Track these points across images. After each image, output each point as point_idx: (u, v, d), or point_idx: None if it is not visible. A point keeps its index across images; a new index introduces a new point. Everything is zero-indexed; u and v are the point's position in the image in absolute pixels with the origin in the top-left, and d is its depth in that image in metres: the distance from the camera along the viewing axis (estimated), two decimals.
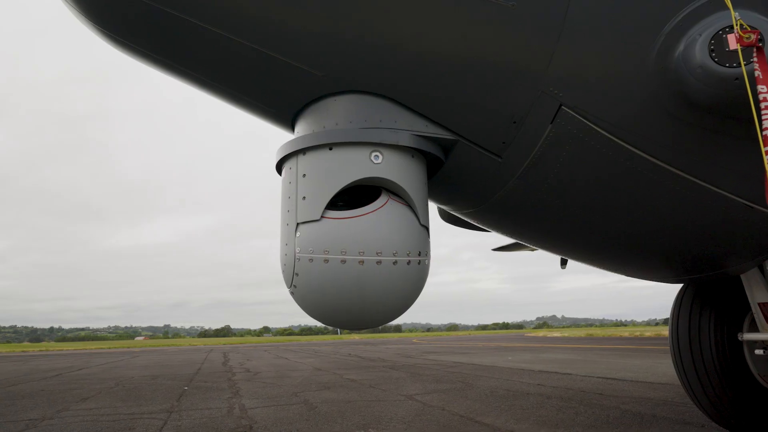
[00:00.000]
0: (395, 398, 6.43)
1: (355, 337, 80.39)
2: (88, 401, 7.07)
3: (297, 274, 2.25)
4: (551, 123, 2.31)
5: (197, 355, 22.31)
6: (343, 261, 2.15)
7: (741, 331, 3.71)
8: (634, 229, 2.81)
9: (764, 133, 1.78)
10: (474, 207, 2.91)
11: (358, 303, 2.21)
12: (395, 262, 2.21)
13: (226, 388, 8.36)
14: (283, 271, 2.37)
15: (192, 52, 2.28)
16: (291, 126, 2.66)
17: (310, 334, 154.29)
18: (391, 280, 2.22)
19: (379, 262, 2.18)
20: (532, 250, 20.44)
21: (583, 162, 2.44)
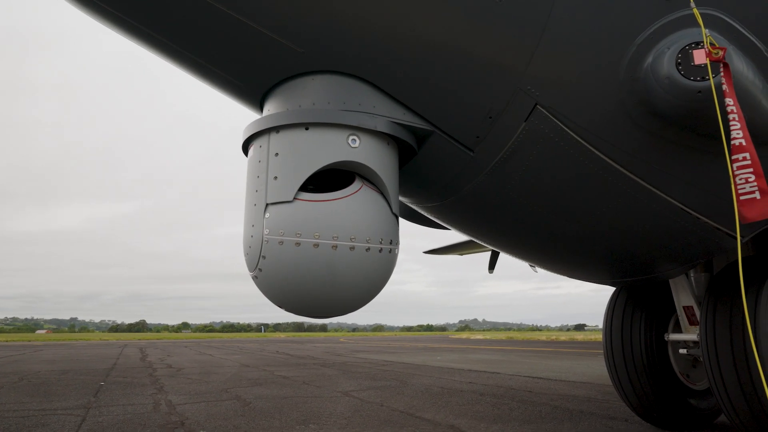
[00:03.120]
0: (332, 394, 6.35)
1: (281, 335, 78.91)
2: None
3: (264, 257, 2.14)
4: (525, 121, 2.37)
5: (110, 350, 20.89)
6: (316, 245, 2.08)
7: (667, 331, 4.01)
8: (587, 230, 2.94)
9: (732, 142, 1.91)
10: (439, 201, 2.92)
11: (327, 289, 2.14)
12: (368, 249, 2.16)
13: (149, 383, 7.87)
14: (247, 254, 2.25)
15: (164, 14, 2.10)
16: (259, 103, 2.54)
17: (233, 331, 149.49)
18: (363, 267, 2.17)
19: (352, 248, 2.12)
20: (462, 254, 21.06)
21: (551, 162, 2.52)
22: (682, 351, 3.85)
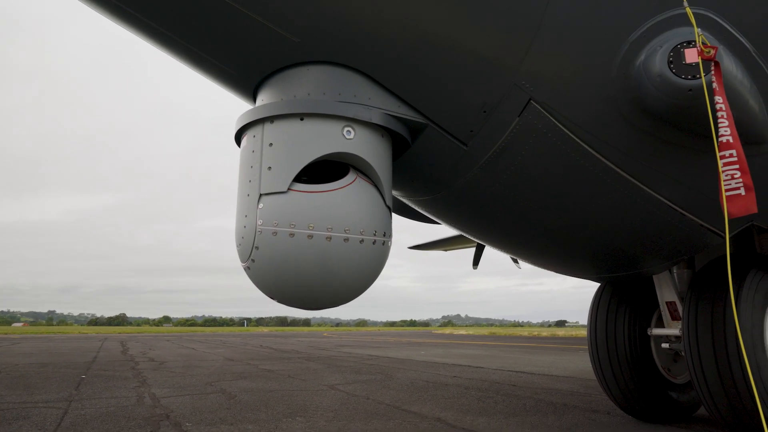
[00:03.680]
0: (318, 388, 6.35)
1: (264, 329, 78.55)
2: None
3: (257, 248, 2.13)
4: (519, 116, 2.39)
5: (90, 344, 20.58)
6: (310, 236, 2.07)
7: (650, 326, 4.09)
8: (576, 225, 2.98)
9: (720, 139, 1.95)
10: (431, 194, 2.93)
11: (320, 280, 2.14)
12: (362, 241, 2.17)
13: (131, 377, 7.78)
14: (240, 245, 2.24)
15: (157, 0, 2.07)
16: (252, 93, 2.52)
17: (215, 325, 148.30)
18: (356, 258, 2.17)
19: (346, 240, 2.12)
20: (447, 250, 21.14)
21: (543, 157, 2.54)
22: (665, 345, 3.93)
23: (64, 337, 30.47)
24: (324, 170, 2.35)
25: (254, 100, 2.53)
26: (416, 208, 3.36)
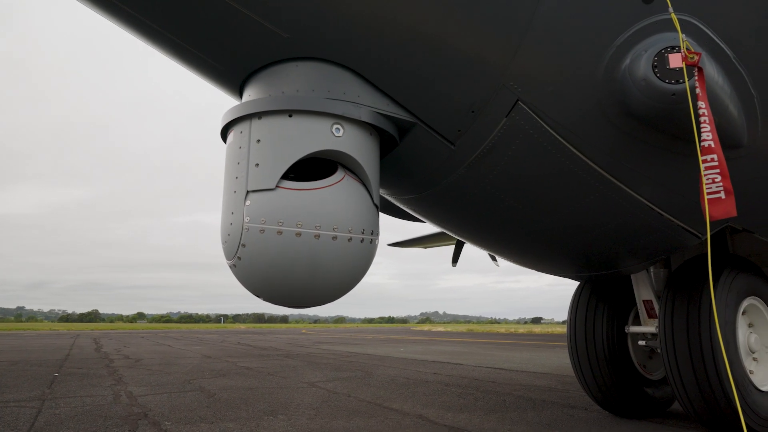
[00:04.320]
0: (298, 385, 6.33)
1: (241, 326, 77.78)
2: None
3: (244, 246, 2.10)
4: (506, 116, 2.41)
5: (62, 341, 20.08)
6: (299, 234, 2.06)
7: (627, 324, 4.18)
8: (559, 224, 3.03)
9: (702, 144, 2.00)
10: (417, 193, 2.94)
11: (308, 278, 2.13)
12: (350, 239, 2.16)
13: (106, 375, 7.62)
14: (226, 242, 2.21)
15: None
16: (238, 88, 2.48)
17: (191, 322, 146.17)
18: (344, 256, 2.17)
19: (334, 238, 2.11)
20: (426, 247, 21.22)
21: (528, 157, 2.57)
22: (641, 342, 4.03)
23: (34, 334, 29.66)
24: (310, 168, 2.33)
25: (241, 95, 2.50)
26: (401, 206, 3.36)
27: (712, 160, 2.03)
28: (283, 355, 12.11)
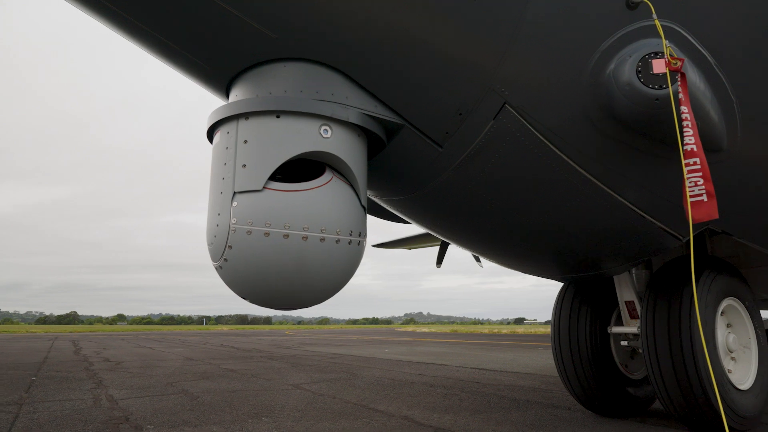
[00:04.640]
0: (282, 387, 6.28)
1: (224, 327, 76.99)
2: None
3: (230, 247, 2.09)
4: (494, 119, 2.43)
5: (39, 343, 19.65)
6: (286, 236, 2.05)
7: (610, 324, 4.24)
8: (544, 227, 3.06)
9: (684, 148, 2.04)
10: (404, 195, 2.95)
11: (296, 280, 2.12)
12: (338, 241, 2.16)
13: (86, 378, 7.48)
14: (212, 243, 2.19)
15: None
16: (225, 88, 2.46)
17: (173, 324, 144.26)
18: (332, 258, 2.16)
19: (322, 239, 2.11)
20: (411, 248, 21.23)
21: (515, 160, 2.60)
22: (623, 343, 4.09)
23: (9, 336, 28.98)
24: (297, 169, 2.32)
25: (227, 95, 2.47)
26: (388, 208, 3.36)
27: (695, 163, 2.08)
28: (267, 357, 12.02)
